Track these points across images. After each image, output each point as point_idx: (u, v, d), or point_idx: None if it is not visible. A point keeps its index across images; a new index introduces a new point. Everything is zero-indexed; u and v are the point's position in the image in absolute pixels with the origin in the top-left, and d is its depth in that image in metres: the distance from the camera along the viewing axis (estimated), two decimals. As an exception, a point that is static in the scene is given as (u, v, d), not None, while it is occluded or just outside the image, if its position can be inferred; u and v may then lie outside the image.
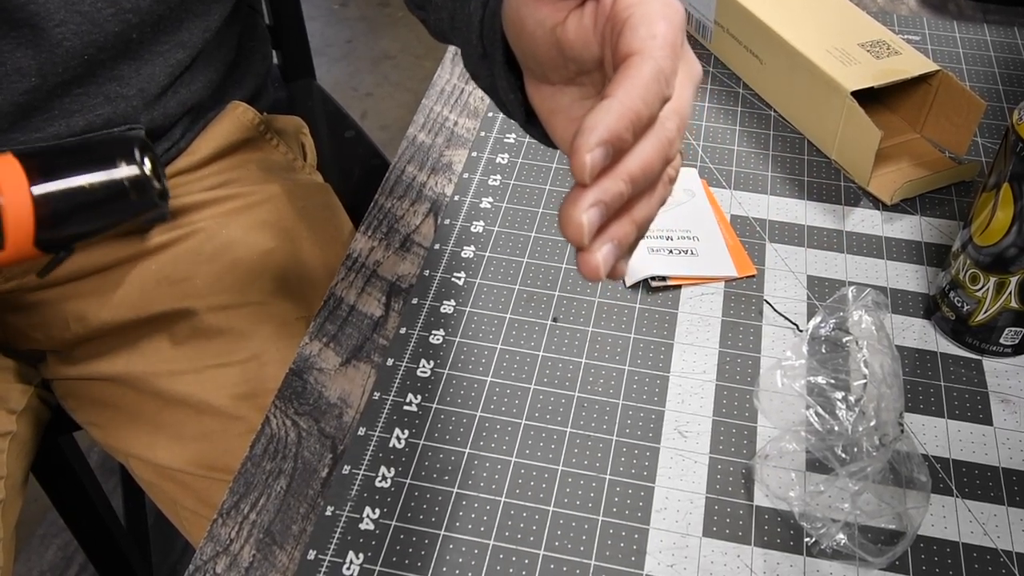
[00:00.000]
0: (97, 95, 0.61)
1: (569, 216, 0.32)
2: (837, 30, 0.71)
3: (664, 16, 0.36)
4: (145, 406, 0.68)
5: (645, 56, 0.35)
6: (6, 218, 0.35)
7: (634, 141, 0.34)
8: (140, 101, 0.62)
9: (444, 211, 0.67)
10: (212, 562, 0.49)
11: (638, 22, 0.36)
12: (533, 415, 0.54)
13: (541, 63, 0.41)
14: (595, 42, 0.38)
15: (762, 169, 0.70)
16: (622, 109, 0.33)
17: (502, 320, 0.59)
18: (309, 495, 0.51)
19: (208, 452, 0.65)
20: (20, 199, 0.35)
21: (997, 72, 0.79)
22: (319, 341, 0.59)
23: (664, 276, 0.61)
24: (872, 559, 0.47)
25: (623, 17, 0.37)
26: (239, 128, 0.72)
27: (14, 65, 0.57)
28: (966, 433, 0.53)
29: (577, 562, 0.48)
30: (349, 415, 0.55)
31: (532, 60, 0.41)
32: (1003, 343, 0.56)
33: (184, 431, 0.66)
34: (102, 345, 0.69)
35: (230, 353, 0.67)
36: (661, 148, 0.35)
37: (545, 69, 0.41)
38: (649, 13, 0.36)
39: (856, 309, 0.56)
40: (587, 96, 0.41)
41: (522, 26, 0.40)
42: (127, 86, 0.61)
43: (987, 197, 0.53)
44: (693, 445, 0.53)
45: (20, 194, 0.35)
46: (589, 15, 0.38)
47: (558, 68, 0.40)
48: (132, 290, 0.68)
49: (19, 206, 0.35)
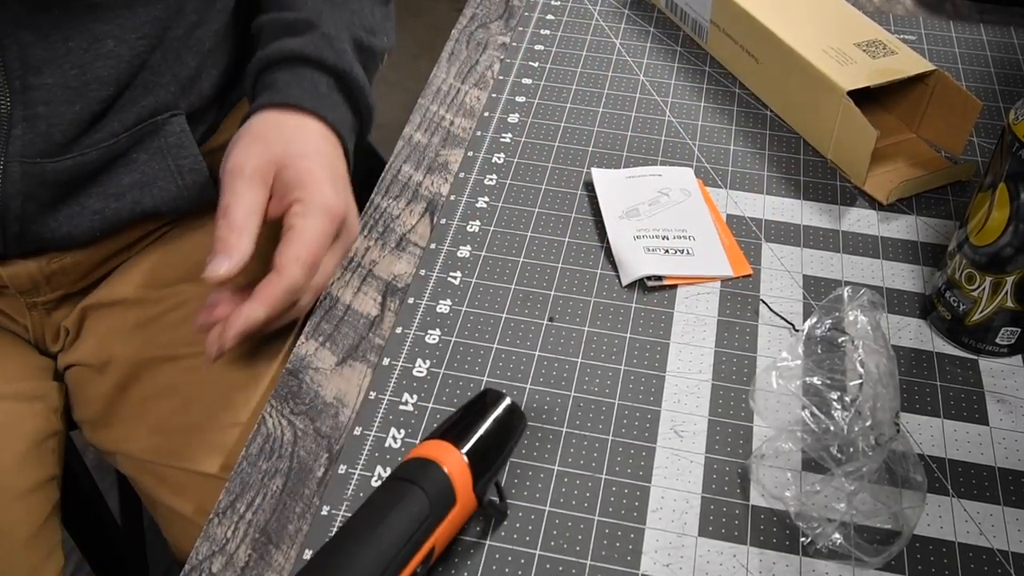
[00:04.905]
0: (137, 88, 0.63)
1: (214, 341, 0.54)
2: (833, 30, 0.71)
3: (312, 238, 0.55)
4: (131, 394, 0.68)
5: (283, 275, 0.54)
6: (453, 478, 0.45)
7: (267, 322, 0.55)
8: (176, 87, 0.66)
9: (440, 211, 0.67)
10: (208, 561, 0.49)
11: (291, 239, 0.55)
12: (529, 415, 0.54)
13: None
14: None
15: (758, 169, 0.70)
16: (252, 317, 0.53)
17: (498, 320, 0.59)
18: (305, 495, 0.51)
19: (189, 445, 0.65)
20: (456, 461, 0.46)
21: (993, 72, 0.79)
22: (315, 341, 0.59)
23: (660, 276, 0.61)
24: (868, 559, 0.47)
25: (287, 226, 0.56)
26: None
27: (95, 75, 0.61)
28: (962, 433, 0.53)
29: (573, 562, 0.48)
30: (345, 415, 0.55)
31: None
32: (999, 343, 0.56)
33: (168, 423, 0.66)
34: (101, 323, 0.69)
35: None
36: (286, 319, 0.58)
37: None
38: (303, 233, 0.55)
39: (852, 309, 0.56)
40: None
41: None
42: (160, 75, 0.64)
43: (983, 197, 0.53)
44: (689, 445, 0.53)
45: (455, 457, 0.46)
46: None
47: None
48: (145, 264, 0.70)
49: (458, 466, 0.46)
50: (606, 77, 0.78)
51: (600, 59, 0.80)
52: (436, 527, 0.44)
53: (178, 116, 0.66)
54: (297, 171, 0.57)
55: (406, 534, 0.43)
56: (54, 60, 0.59)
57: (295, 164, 0.57)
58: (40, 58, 0.59)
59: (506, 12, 0.86)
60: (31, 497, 0.65)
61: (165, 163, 0.65)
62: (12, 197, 0.61)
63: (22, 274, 0.66)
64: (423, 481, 0.45)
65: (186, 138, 0.66)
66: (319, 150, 0.60)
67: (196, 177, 0.67)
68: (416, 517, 0.44)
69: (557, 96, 0.76)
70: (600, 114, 0.74)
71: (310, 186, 0.56)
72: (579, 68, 0.79)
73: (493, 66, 0.80)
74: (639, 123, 0.74)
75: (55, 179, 0.61)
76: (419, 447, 0.47)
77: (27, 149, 0.60)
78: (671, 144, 0.72)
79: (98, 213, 0.64)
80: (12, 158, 0.60)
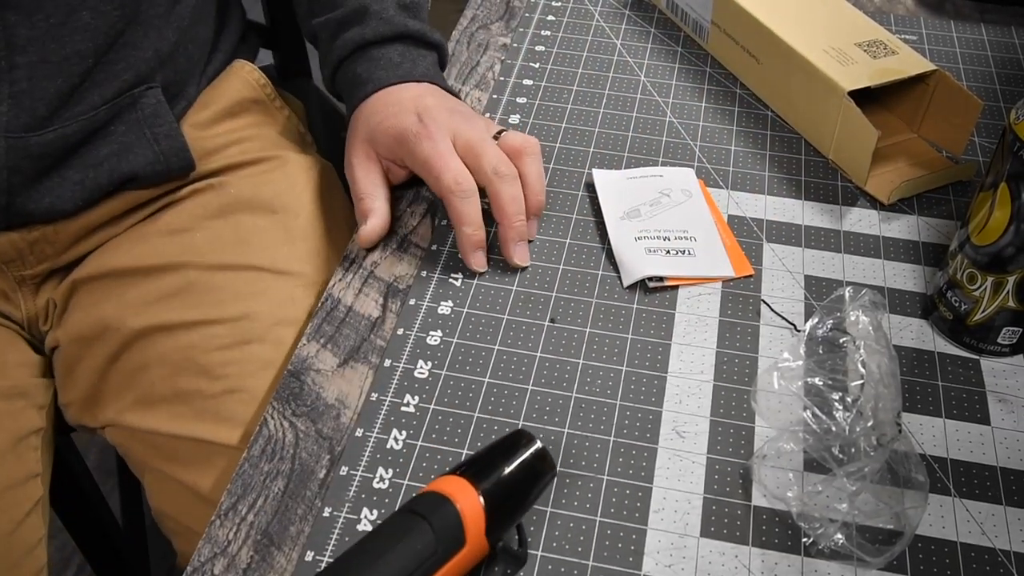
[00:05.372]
0: (118, 62, 0.65)
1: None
2: (834, 30, 0.71)
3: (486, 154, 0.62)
4: (121, 365, 0.68)
5: (492, 187, 0.61)
6: (465, 519, 0.43)
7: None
8: (156, 62, 0.68)
9: (441, 211, 0.67)
10: (210, 563, 0.49)
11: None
12: (531, 416, 0.54)
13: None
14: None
15: (759, 169, 0.70)
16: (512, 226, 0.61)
17: (499, 321, 0.59)
18: (307, 496, 0.51)
19: (182, 413, 0.65)
20: (472, 501, 0.44)
21: (994, 72, 0.79)
22: (316, 342, 0.59)
23: (661, 276, 0.61)
24: (870, 559, 0.47)
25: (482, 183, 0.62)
26: (246, 86, 0.77)
27: (74, 48, 0.63)
28: (964, 433, 0.53)
29: (575, 563, 0.48)
30: (347, 416, 0.55)
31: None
32: (1000, 343, 0.56)
33: (158, 392, 0.66)
34: (90, 295, 0.70)
35: (219, 310, 0.67)
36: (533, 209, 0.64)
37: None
38: (498, 194, 0.61)
39: (853, 309, 0.56)
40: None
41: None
42: (141, 49, 0.67)
43: (984, 197, 0.53)
44: (691, 445, 0.53)
45: (471, 497, 0.44)
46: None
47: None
48: (132, 236, 0.71)
49: (472, 506, 0.44)
50: (607, 78, 0.78)
51: (601, 60, 0.80)
52: (440, 567, 0.43)
53: (154, 88, 0.68)
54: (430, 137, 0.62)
55: (406, 569, 0.42)
56: (37, 38, 0.61)
57: (419, 133, 0.62)
58: (24, 36, 0.61)
59: (507, 13, 0.86)
60: (7, 494, 0.65)
61: (141, 132, 0.68)
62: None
63: (4, 244, 0.67)
64: (433, 517, 0.43)
65: (162, 108, 0.68)
66: (427, 106, 0.64)
67: (172, 143, 0.69)
68: (420, 554, 0.42)
69: (558, 97, 0.76)
70: (601, 115, 0.74)
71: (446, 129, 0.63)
72: (580, 69, 0.79)
73: (494, 67, 0.80)
74: (640, 124, 0.74)
75: (40, 152, 0.64)
76: (436, 481, 0.46)
77: (12, 124, 0.62)
78: (672, 145, 0.72)
79: (78, 184, 0.66)
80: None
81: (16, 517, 0.65)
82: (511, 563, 0.47)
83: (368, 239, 0.63)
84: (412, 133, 0.62)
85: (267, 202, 0.72)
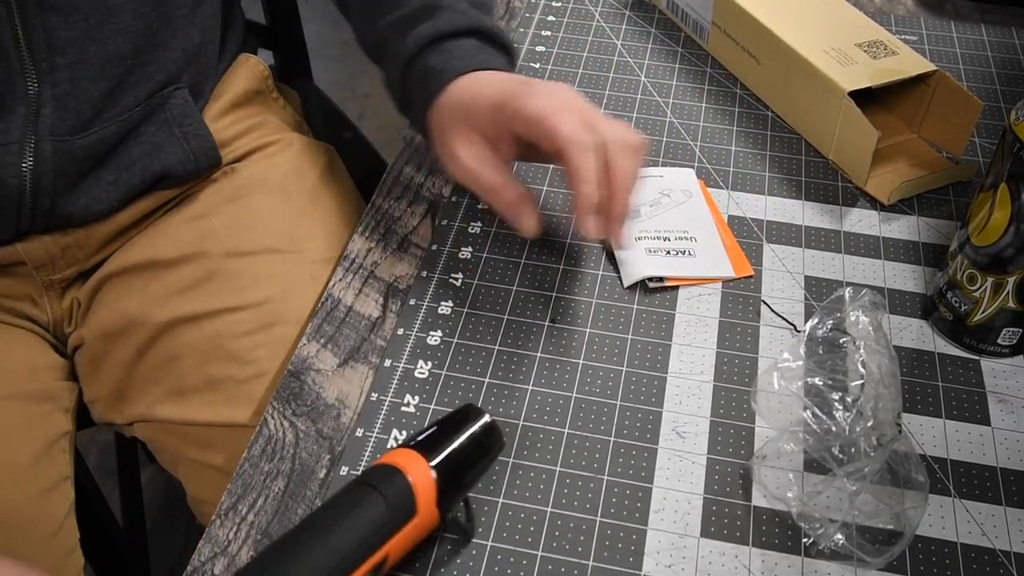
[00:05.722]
0: (151, 63, 0.67)
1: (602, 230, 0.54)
2: (834, 30, 0.71)
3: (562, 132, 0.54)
4: (149, 358, 0.68)
5: (570, 156, 0.53)
6: (416, 489, 0.45)
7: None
8: (184, 62, 0.69)
9: (442, 212, 0.67)
10: (210, 563, 0.49)
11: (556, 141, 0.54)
12: (531, 416, 0.54)
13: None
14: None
15: (759, 169, 0.70)
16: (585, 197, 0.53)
17: (500, 321, 0.59)
18: (307, 496, 0.51)
19: (214, 401, 0.66)
20: (423, 472, 0.45)
21: (994, 72, 0.79)
22: (316, 342, 0.59)
23: (662, 277, 0.61)
24: (870, 559, 0.47)
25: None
26: (252, 77, 0.78)
27: (116, 50, 0.64)
28: (964, 433, 0.53)
29: (575, 563, 0.48)
30: (347, 416, 0.55)
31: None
32: (1000, 343, 0.56)
33: (190, 381, 0.67)
34: (115, 290, 0.70)
35: (242, 296, 0.67)
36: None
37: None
38: (567, 150, 0.53)
39: (854, 309, 0.56)
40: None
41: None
42: (171, 49, 0.68)
43: (984, 197, 0.53)
44: (691, 446, 0.53)
45: (422, 469, 0.45)
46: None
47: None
48: (152, 230, 0.72)
49: (423, 477, 0.45)
50: (607, 78, 0.78)
51: (601, 60, 0.80)
52: (392, 535, 0.44)
53: (181, 89, 0.69)
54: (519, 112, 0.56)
55: (359, 537, 0.43)
56: (76, 39, 0.62)
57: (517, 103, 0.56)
58: (64, 38, 0.61)
59: (507, 13, 0.86)
60: (48, 497, 0.66)
61: (171, 132, 0.69)
62: (44, 174, 0.64)
63: (38, 248, 0.68)
64: (385, 488, 0.45)
65: (189, 108, 0.70)
66: (524, 79, 0.59)
67: (201, 142, 0.71)
68: (372, 522, 0.44)
69: (558, 97, 0.76)
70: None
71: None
72: (580, 69, 0.79)
73: (494, 67, 0.80)
74: (640, 124, 0.74)
75: (83, 154, 0.65)
76: (388, 453, 0.47)
77: (56, 127, 0.63)
78: (672, 145, 0.72)
79: (112, 184, 0.67)
80: (43, 136, 0.63)
81: (57, 519, 0.66)
82: (460, 534, 0.49)
83: (533, 230, 0.56)
84: (516, 92, 0.56)
85: (277, 183, 0.74)
